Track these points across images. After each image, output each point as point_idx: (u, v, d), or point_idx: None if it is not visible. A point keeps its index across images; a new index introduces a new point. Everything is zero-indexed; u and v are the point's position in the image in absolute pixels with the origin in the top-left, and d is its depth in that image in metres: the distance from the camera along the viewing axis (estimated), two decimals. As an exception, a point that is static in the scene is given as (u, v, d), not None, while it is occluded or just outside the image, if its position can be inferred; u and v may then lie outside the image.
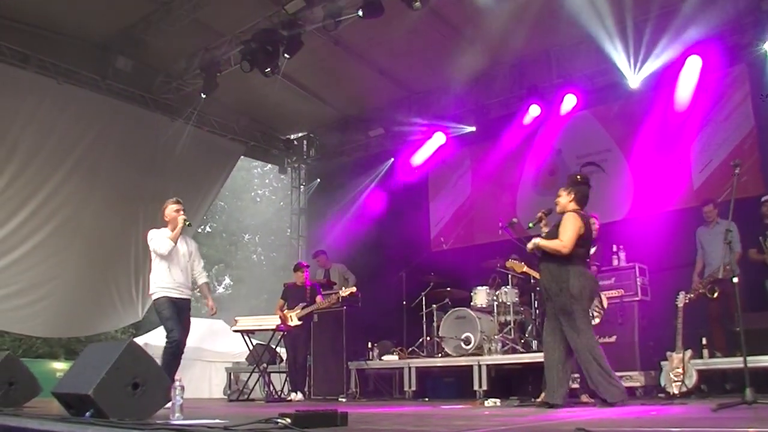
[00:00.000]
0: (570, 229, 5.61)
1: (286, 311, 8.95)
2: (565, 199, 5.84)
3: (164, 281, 6.74)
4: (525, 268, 6.82)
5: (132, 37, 10.09)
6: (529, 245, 5.86)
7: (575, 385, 7.05)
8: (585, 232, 5.66)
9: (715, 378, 7.06)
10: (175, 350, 6.57)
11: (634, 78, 9.45)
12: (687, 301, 6.82)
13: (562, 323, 5.64)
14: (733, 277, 5.28)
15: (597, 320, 6.46)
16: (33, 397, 6.38)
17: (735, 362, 6.63)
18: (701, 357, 6.89)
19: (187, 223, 6.84)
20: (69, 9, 9.35)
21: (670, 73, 9.09)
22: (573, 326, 5.57)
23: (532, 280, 7.36)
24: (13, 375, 6.17)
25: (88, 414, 3.95)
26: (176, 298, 6.72)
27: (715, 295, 7.15)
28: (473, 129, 11.17)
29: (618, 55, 9.41)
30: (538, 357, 6.69)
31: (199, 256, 7.14)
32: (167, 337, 6.63)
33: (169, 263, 6.75)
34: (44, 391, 6.31)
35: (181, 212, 6.82)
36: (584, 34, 9.58)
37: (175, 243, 6.75)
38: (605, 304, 6.64)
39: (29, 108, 9.82)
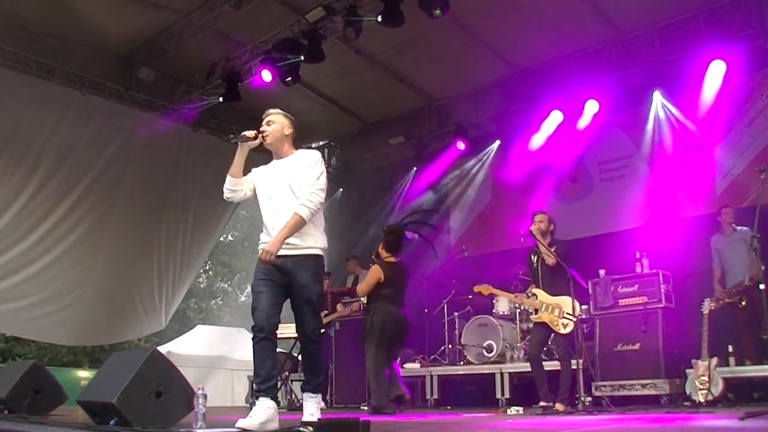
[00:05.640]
0: (366, 280, 7.20)
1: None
2: (380, 248, 7.32)
3: (262, 235, 4.63)
4: (491, 290, 7.18)
5: (154, 47, 10.21)
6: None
7: (598, 394, 7.02)
8: (388, 277, 7.06)
9: (743, 386, 6.96)
10: (255, 340, 4.36)
11: (656, 83, 9.38)
12: (712, 308, 6.73)
13: None
14: (760, 283, 5.21)
15: (570, 328, 6.39)
16: (58, 405, 6.44)
17: (762, 370, 6.56)
18: (727, 365, 6.79)
19: (232, 138, 4.76)
20: (93, 21, 9.46)
21: (693, 77, 9.01)
22: (366, 349, 7.09)
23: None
24: (39, 383, 6.23)
25: (112, 422, 3.98)
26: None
27: (743, 303, 7.06)
28: (497, 143, 11.18)
29: (640, 59, 9.36)
30: (558, 365, 6.64)
31: (309, 172, 4.53)
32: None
33: (262, 207, 4.64)
34: (69, 400, 6.37)
35: (263, 126, 4.74)
36: (605, 39, 9.58)
37: (234, 175, 4.68)
38: (577, 312, 6.53)
39: (54, 119, 9.97)
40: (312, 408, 4.56)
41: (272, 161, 4.76)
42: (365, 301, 7.90)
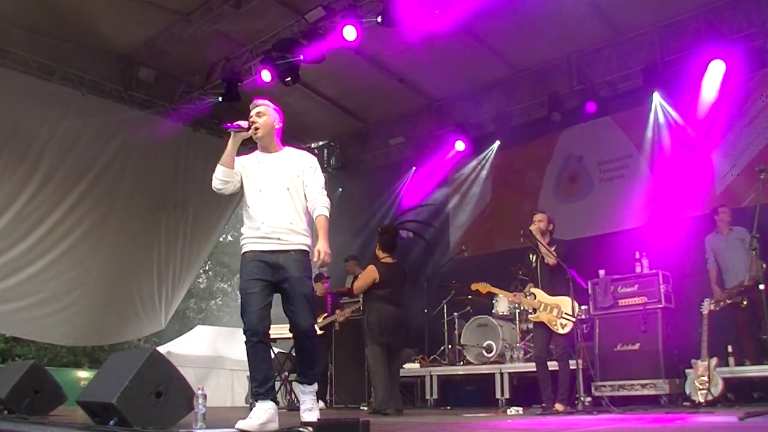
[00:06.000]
0: (361, 279, 7.34)
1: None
2: (377, 249, 7.44)
3: (246, 229, 4.51)
4: (489, 288, 7.13)
5: (154, 48, 10.21)
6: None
7: (598, 394, 7.02)
8: (383, 278, 7.16)
9: (742, 386, 6.96)
10: (249, 344, 4.32)
11: (656, 83, 9.38)
12: (712, 309, 6.73)
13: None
14: (759, 283, 5.21)
15: (568, 328, 6.38)
16: (58, 406, 6.44)
17: (762, 370, 6.56)
18: (727, 365, 6.79)
19: (230, 130, 4.47)
20: (93, 21, 9.46)
21: (692, 77, 9.00)
22: (368, 350, 7.18)
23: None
24: (38, 383, 6.24)
25: (111, 422, 3.98)
26: (265, 252, 4.39)
27: (744, 303, 7.06)
28: (497, 143, 11.16)
29: (640, 59, 9.37)
30: (556, 365, 6.63)
31: (313, 175, 4.56)
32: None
33: (250, 201, 4.48)
34: (69, 400, 6.37)
35: (252, 116, 4.52)
36: (605, 39, 9.58)
37: (227, 165, 4.43)
38: (576, 311, 6.53)
39: (54, 119, 9.97)
40: (309, 402, 4.45)
41: (256, 152, 4.61)
42: (362, 303, 7.92)
